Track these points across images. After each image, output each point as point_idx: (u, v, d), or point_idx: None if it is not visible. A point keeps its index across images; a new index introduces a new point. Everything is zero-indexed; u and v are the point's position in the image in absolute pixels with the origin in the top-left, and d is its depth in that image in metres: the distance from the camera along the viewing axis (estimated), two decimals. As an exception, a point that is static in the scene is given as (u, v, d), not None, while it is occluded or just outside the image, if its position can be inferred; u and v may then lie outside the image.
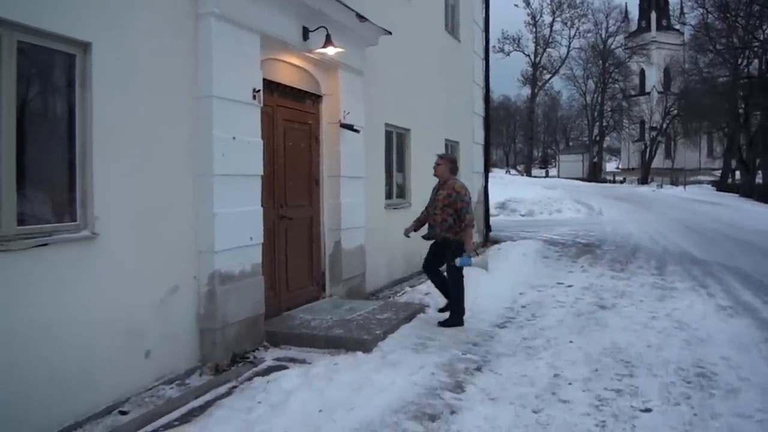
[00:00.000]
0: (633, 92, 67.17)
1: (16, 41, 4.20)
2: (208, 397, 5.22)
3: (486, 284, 9.67)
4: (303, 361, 6.13)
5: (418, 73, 11.65)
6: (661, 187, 49.06)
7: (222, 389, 5.41)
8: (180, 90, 5.66)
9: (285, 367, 5.92)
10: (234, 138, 6.07)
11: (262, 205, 6.61)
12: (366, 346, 6.36)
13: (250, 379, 5.60)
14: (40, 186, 4.57)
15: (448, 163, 7.74)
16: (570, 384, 5.58)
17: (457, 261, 7.48)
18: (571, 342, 6.93)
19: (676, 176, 54.80)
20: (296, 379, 5.31)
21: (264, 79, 6.75)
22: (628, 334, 7.23)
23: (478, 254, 7.54)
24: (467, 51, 15.05)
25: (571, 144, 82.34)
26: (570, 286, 10.48)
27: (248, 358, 6.17)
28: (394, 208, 10.62)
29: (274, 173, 7.32)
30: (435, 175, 7.82)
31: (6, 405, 4.07)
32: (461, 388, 5.45)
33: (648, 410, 5.02)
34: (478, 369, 5.99)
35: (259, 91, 6.44)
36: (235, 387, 5.46)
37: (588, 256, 14.35)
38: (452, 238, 7.54)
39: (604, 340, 7.00)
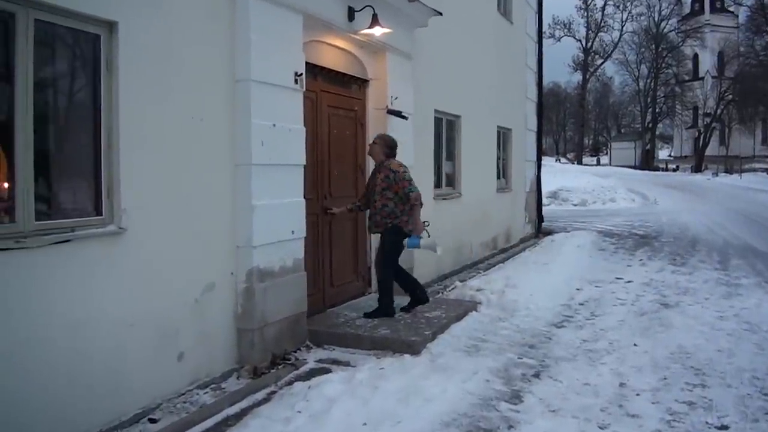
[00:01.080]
0: (686, 77, 65.18)
1: (33, 20, 3.84)
2: (244, 404, 4.87)
3: (541, 279, 9.24)
4: (347, 364, 5.76)
5: (470, 57, 11.14)
6: (716, 175, 47.50)
7: (260, 395, 5.05)
8: (216, 73, 5.29)
9: (328, 371, 5.55)
10: (274, 125, 5.69)
11: (304, 197, 6.23)
12: (414, 348, 5.95)
13: (290, 383, 5.24)
14: (61, 177, 4.23)
15: (383, 145, 6.98)
16: (638, 395, 5.09)
17: (406, 242, 6.87)
18: (635, 345, 6.42)
19: (731, 164, 53.00)
20: (339, 385, 4.92)
21: (307, 63, 6.34)
22: (696, 337, 6.69)
23: (428, 235, 6.90)
24: (520, 33, 14.46)
25: (623, 131, 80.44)
26: (629, 281, 9.93)
27: (289, 359, 5.81)
28: (444, 198, 10.16)
29: (317, 163, 6.93)
30: (369, 153, 7.23)
31: (26, 413, 3.77)
32: (519, 398, 4.99)
33: (725, 427, 4.53)
34: (537, 375, 5.52)
35: (301, 74, 6.04)
36: (273, 393, 5.10)
37: (646, 249, 13.74)
38: (393, 222, 6.85)
39: (670, 343, 6.48)
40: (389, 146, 6.98)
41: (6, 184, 3.83)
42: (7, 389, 3.65)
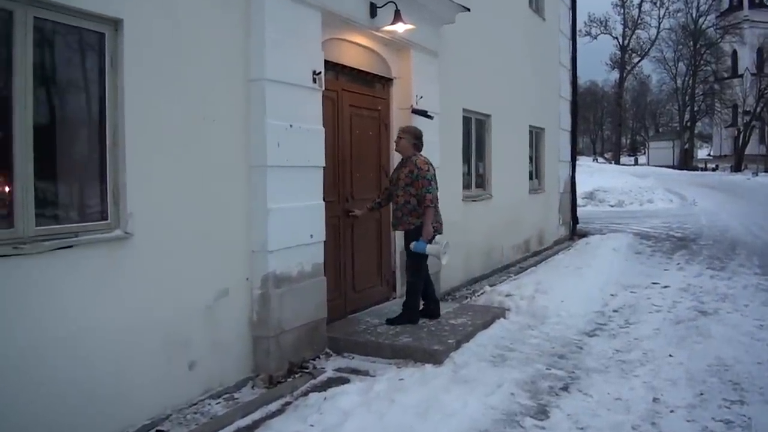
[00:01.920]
0: (725, 75, 63.75)
1: (32, 18, 3.69)
2: (256, 415, 4.67)
3: (574, 284, 8.92)
4: (366, 373, 5.54)
5: (500, 54, 10.84)
6: (756, 174, 46.25)
7: (273, 406, 4.85)
8: (229, 72, 5.10)
9: (346, 380, 5.34)
10: (291, 126, 5.49)
11: (324, 200, 6.03)
12: (436, 358, 5.70)
13: (305, 394, 5.04)
14: (63, 180, 4.06)
15: (410, 137, 6.73)
16: (672, 411, 4.79)
17: (412, 245, 6.56)
18: (670, 356, 6.10)
19: (771, 163, 51.81)
20: (355, 397, 4.70)
21: (327, 61, 6.15)
22: (735, 348, 6.35)
23: (435, 241, 6.60)
24: (553, 30, 14.11)
25: (660, 130, 79.07)
26: (666, 286, 9.57)
27: (307, 368, 5.60)
28: (473, 200, 9.88)
29: (338, 164, 6.72)
30: (396, 150, 6.92)
31: (29, 426, 3.61)
32: (545, 413, 4.72)
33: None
34: (565, 389, 5.24)
35: (319, 73, 5.83)
36: (288, 404, 4.90)
37: (683, 252, 13.31)
38: (415, 222, 6.58)
39: (707, 354, 6.15)
40: (416, 137, 6.75)
41: (5, 188, 3.68)
42: (6, 401, 3.50)
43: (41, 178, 3.81)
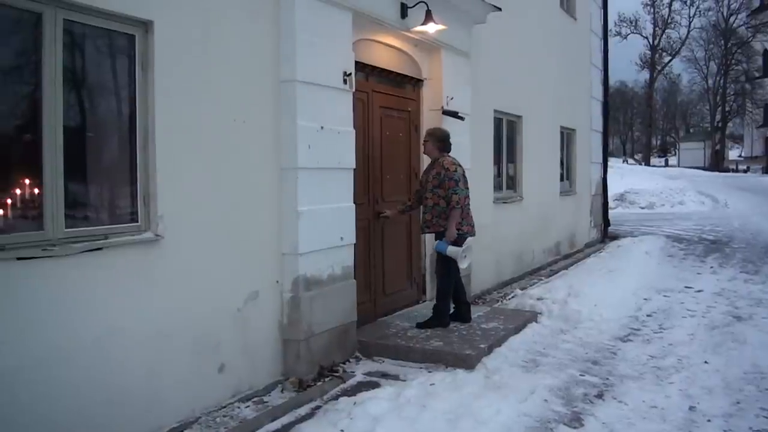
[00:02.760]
0: (756, 74, 62.62)
1: (62, 20, 3.68)
2: (285, 419, 4.62)
3: (606, 288, 8.78)
4: (396, 378, 5.48)
5: (531, 55, 10.73)
6: (789, 176, 45.47)
7: (303, 410, 4.80)
8: (259, 74, 5.07)
9: (376, 384, 5.28)
10: (322, 127, 5.44)
11: (355, 202, 5.98)
12: (468, 363, 5.62)
13: (335, 398, 4.98)
14: (94, 183, 4.05)
15: (435, 140, 6.65)
16: (709, 421, 4.65)
17: (435, 245, 6.51)
18: (706, 363, 5.94)
19: (804, 164, 50.77)
20: (385, 403, 4.62)
21: (357, 62, 6.10)
22: (772, 355, 6.17)
23: (467, 243, 6.49)
24: (584, 30, 13.94)
25: (691, 131, 78.00)
26: (700, 290, 9.37)
27: (337, 371, 5.55)
28: (504, 202, 9.77)
29: (369, 166, 6.66)
30: (424, 153, 6.86)
31: (54, 427, 3.59)
32: (579, 421, 4.61)
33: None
34: (600, 396, 5.12)
35: (350, 74, 5.78)
36: (318, 408, 4.84)
37: (716, 255, 13.04)
38: (445, 224, 6.47)
39: (743, 361, 5.99)
40: (441, 140, 6.67)
41: (34, 190, 3.67)
42: (36, 403, 3.49)
43: (71, 180, 3.81)
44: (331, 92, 5.59)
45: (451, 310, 6.76)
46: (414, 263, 7.60)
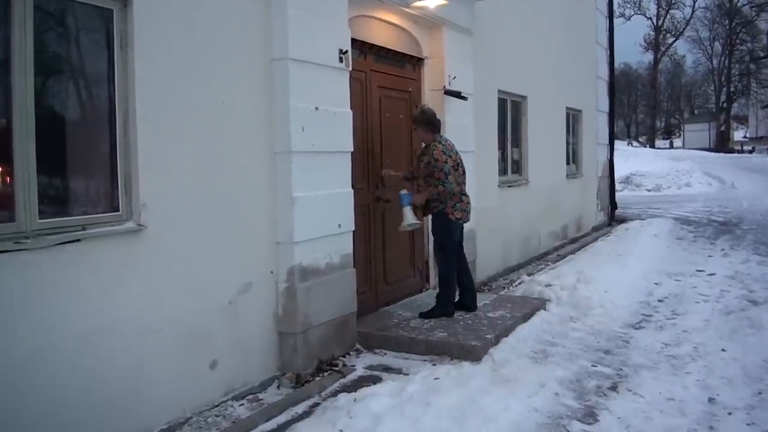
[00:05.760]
0: (761, 54, 62.02)
1: (32, -7, 3.39)
2: (281, 419, 4.36)
3: (616, 273, 8.52)
4: (399, 371, 5.21)
5: (535, 33, 10.38)
6: (796, 156, 45.10)
7: (300, 408, 4.55)
8: (249, 52, 4.77)
9: (378, 379, 5.02)
10: (317, 108, 5.15)
11: (353, 187, 5.69)
12: (474, 354, 5.35)
13: (334, 394, 4.71)
14: (70, 170, 3.77)
15: (423, 123, 6.34)
16: (730, 414, 4.38)
17: (401, 194, 6.21)
18: (723, 351, 5.65)
19: (809, 144, 50.35)
20: (387, 399, 4.35)
21: (354, 40, 5.80)
22: (791, 341, 5.89)
23: (416, 214, 6.25)
24: (589, 8, 13.58)
25: (696, 112, 77.49)
26: (712, 274, 9.07)
27: (336, 365, 5.29)
28: (509, 186, 9.47)
29: (368, 149, 6.37)
30: (421, 139, 6.54)
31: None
32: (593, 416, 4.34)
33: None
34: (614, 388, 4.85)
35: (346, 52, 5.47)
36: (316, 405, 4.59)
37: (727, 237, 12.73)
38: (438, 206, 6.24)
39: (762, 348, 5.68)
40: (427, 122, 6.36)
41: (5, 179, 3.40)
42: (10, 406, 3.23)
43: (45, 168, 3.54)
44: (326, 71, 5.29)
45: (456, 298, 6.48)
46: (417, 250, 7.32)
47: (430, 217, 6.49)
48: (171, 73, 4.13)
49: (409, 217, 6.21)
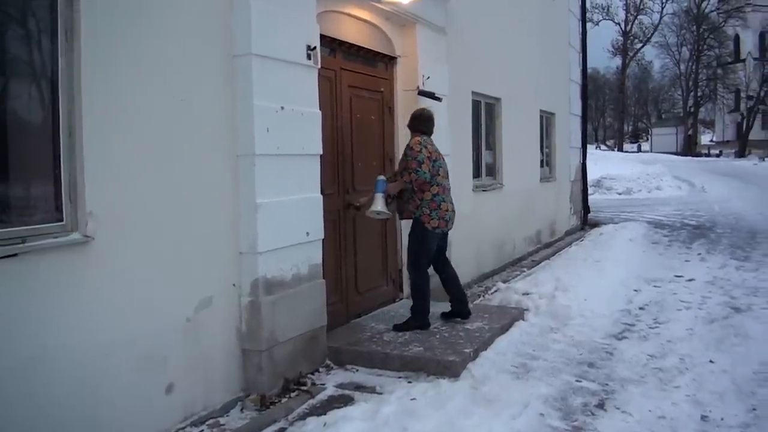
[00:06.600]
0: (728, 59, 62.97)
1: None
2: (244, 447, 3.99)
3: (594, 279, 8.29)
4: (372, 390, 4.86)
5: (509, 34, 10.12)
6: (763, 160, 45.66)
7: (265, 434, 4.17)
8: (210, 47, 4.40)
9: (349, 399, 4.67)
10: (282, 108, 4.79)
11: (322, 192, 5.34)
12: (452, 371, 5.03)
13: (303, 417, 4.35)
14: (7, 176, 3.35)
15: (411, 121, 6.15)
16: (726, 433, 4.11)
17: (377, 180, 5.93)
18: (711, 362, 5.42)
19: (775, 148, 51.17)
20: (360, 423, 4.03)
21: (324, 36, 5.47)
22: (778, 350, 5.68)
23: (387, 209, 5.91)
24: (562, 10, 13.37)
25: (663, 116, 78.43)
26: (691, 279, 8.89)
27: (304, 384, 4.92)
28: (484, 190, 9.19)
29: (338, 152, 6.03)
30: None
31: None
32: (582, 439, 4.04)
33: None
34: (601, 405, 4.56)
35: (314, 48, 5.12)
36: (282, 430, 4.22)
37: (702, 241, 12.63)
38: (415, 212, 5.94)
39: (750, 358, 5.49)
40: (413, 118, 6.14)
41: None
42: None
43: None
44: (293, 68, 4.94)
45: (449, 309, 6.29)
46: (390, 257, 6.98)
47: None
48: (123, 69, 3.75)
49: (379, 203, 5.84)
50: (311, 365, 5.16)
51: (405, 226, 6.62)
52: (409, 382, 4.93)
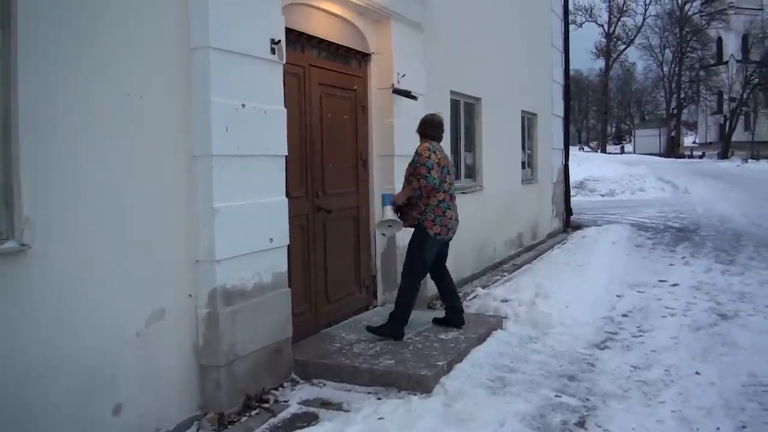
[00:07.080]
0: (711, 61, 63.36)
1: None
2: (197, 473, 3.68)
3: (576, 285, 8.01)
4: (339, 407, 4.56)
5: (490, 32, 9.83)
6: (746, 161, 45.94)
7: (221, 457, 3.86)
8: (163, 38, 4.08)
9: (314, 417, 4.38)
10: (243, 105, 4.49)
11: (288, 195, 5.03)
12: (424, 386, 4.74)
13: (262, 439, 4.04)
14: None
15: (419, 127, 6.02)
16: (715, 454, 3.85)
17: (383, 196, 5.84)
18: (697, 374, 5.17)
19: (757, 150, 51.70)
20: (324, 446, 3.71)
21: (291, 30, 5.18)
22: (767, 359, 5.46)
23: (398, 218, 5.78)
24: (544, 8, 13.13)
25: (646, 118, 78.80)
26: (675, 284, 8.65)
27: (267, 401, 4.61)
28: (463, 192, 8.86)
29: (306, 152, 5.72)
30: None
31: None
32: (562, 462, 3.76)
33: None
34: (581, 424, 4.28)
35: (279, 42, 4.82)
36: (240, 453, 3.91)
37: (686, 244, 12.43)
38: (419, 218, 5.77)
39: (738, 369, 5.25)
40: (421, 123, 6.02)
41: None
42: None
43: None
44: (256, 63, 4.63)
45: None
46: (363, 263, 6.68)
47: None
48: (64, 60, 3.43)
49: (389, 213, 5.70)
50: (275, 380, 4.85)
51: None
52: (379, 398, 4.64)
